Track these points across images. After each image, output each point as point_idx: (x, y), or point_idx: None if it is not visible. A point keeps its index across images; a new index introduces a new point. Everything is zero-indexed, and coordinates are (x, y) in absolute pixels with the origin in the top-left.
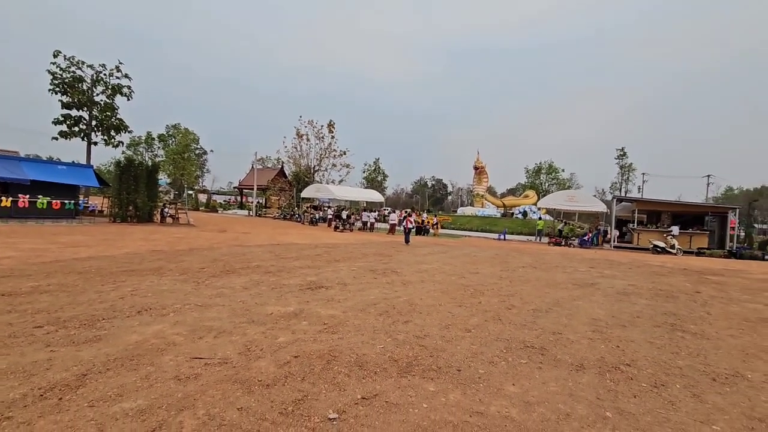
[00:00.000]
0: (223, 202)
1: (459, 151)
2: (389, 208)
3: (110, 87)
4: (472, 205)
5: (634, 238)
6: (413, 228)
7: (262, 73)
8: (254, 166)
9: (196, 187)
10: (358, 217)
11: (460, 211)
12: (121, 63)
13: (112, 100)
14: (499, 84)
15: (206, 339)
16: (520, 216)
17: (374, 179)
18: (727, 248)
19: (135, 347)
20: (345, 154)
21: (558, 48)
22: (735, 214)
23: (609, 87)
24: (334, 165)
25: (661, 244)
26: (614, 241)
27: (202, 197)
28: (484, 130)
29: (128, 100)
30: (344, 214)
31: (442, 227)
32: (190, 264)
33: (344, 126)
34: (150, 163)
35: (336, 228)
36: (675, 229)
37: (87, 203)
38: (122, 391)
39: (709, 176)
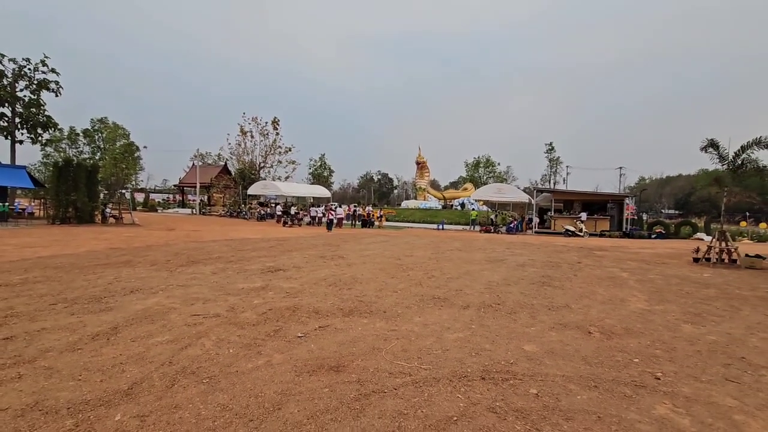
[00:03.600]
0: (162, 201)
1: (405, 145)
2: (335, 203)
3: (35, 82)
4: (416, 198)
5: (551, 224)
6: (334, 219)
7: (194, 66)
8: (195, 164)
9: (128, 186)
10: (306, 213)
11: (404, 204)
12: (47, 57)
13: (38, 95)
14: (440, 75)
15: (197, 305)
16: (458, 207)
17: (320, 175)
18: (623, 230)
19: (143, 312)
20: (290, 150)
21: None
22: (632, 201)
23: (539, 85)
24: (279, 162)
25: (571, 228)
26: (535, 227)
27: (139, 196)
28: (428, 123)
29: (56, 96)
30: (293, 210)
31: (387, 220)
32: (155, 258)
33: (287, 122)
34: (90, 163)
35: (285, 223)
36: (583, 216)
37: (22, 206)
38: (150, 333)
39: (621, 168)
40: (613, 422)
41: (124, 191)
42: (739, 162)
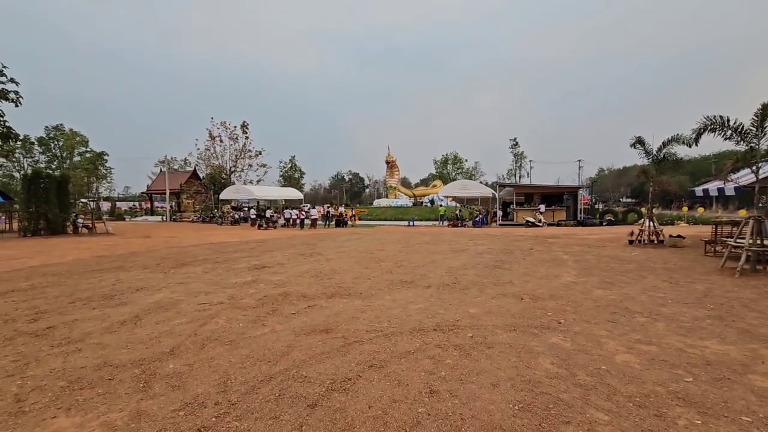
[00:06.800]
0: (128, 209)
1: (376, 143)
2: (308, 204)
3: None
4: (387, 197)
5: (514, 216)
6: (306, 219)
7: (155, 60)
8: (162, 170)
9: (90, 195)
10: (280, 215)
11: (376, 203)
12: (5, 66)
13: None
14: (408, 72)
15: (200, 297)
16: (428, 204)
17: (291, 177)
18: (578, 219)
19: (155, 304)
20: (260, 154)
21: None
22: (587, 192)
23: (503, 81)
24: (250, 165)
25: (531, 219)
26: (499, 220)
27: (105, 205)
28: (398, 121)
29: (16, 106)
30: (268, 213)
31: (360, 219)
32: (145, 262)
33: (254, 123)
34: (59, 174)
35: (260, 226)
36: (542, 207)
37: None
38: (169, 318)
39: (579, 161)
40: (519, 347)
41: (86, 200)
42: (661, 156)
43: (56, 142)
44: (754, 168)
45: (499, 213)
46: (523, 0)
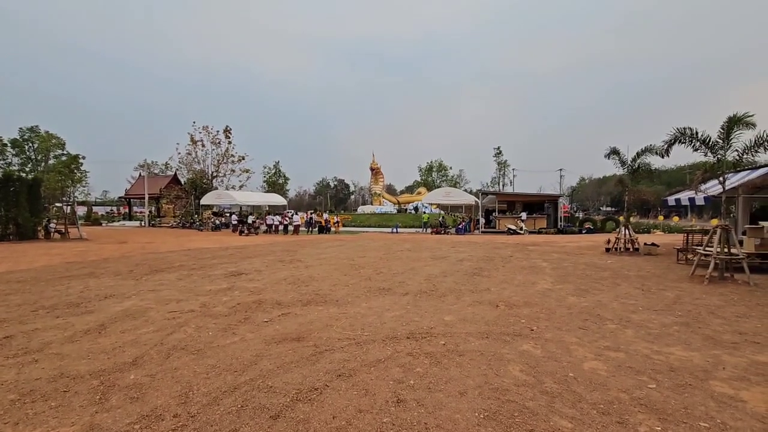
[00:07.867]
0: (105, 214)
1: (361, 150)
2: (292, 211)
3: None
4: (371, 203)
5: (496, 223)
6: (287, 224)
7: (141, 62)
8: (142, 174)
9: (65, 198)
10: (262, 221)
11: (360, 209)
12: None
13: None
14: (393, 80)
15: (171, 305)
16: (412, 211)
17: (275, 182)
18: (558, 227)
19: (123, 312)
20: (243, 159)
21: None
22: (567, 201)
23: (489, 91)
24: (232, 171)
25: (513, 227)
26: (482, 227)
27: (80, 209)
28: (384, 128)
29: None
30: (250, 219)
31: (343, 225)
32: (117, 268)
33: (240, 128)
34: (31, 177)
35: (241, 232)
36: (523, 215)
37: None
38: (136, 326)
39: (561, 170)
40: (490, 355)
41: (61, 204)
42: (636, 166)
43: (31, 144)
44: (720, 179)
45: (482, 220)
46: (512, 13)
